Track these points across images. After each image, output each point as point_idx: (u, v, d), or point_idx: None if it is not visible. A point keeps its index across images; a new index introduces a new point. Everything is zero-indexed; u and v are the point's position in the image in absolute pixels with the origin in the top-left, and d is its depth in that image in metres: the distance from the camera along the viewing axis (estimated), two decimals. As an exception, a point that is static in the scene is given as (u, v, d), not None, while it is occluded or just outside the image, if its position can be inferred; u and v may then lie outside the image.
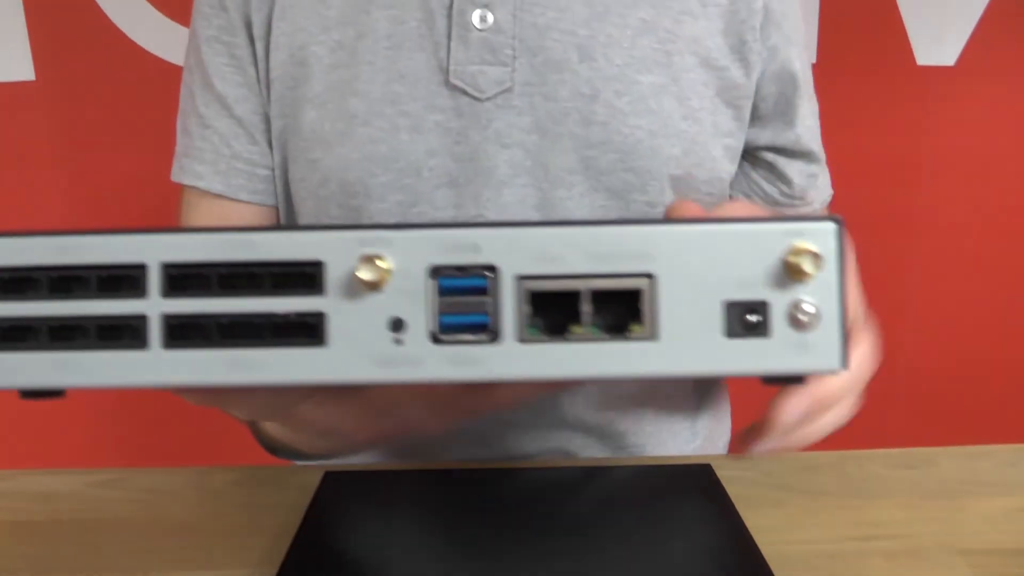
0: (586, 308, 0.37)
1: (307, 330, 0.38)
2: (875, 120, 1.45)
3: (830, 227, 0.37)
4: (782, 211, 0.78)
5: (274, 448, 0.69)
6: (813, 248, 0.36)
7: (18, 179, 1.52)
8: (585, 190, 0.71)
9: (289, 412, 0.51)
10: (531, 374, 0.37)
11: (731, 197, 0.78)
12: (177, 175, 0.80)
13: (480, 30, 0.70)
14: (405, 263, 0.37)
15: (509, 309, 0.37)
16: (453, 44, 0.71)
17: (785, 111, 0.75)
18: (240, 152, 0.77)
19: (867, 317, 0.57)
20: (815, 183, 0.78)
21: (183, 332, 0.38)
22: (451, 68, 0.71)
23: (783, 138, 0.76)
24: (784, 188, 0.77)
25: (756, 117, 0.75)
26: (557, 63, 0.70)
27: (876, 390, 0.59)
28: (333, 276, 0.37)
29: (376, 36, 0.72)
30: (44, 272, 0.39)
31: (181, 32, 1.44)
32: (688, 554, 0.61)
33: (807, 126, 0.76)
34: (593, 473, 0.74)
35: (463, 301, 0.37)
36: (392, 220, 0.72)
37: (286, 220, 0.79)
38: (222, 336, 0.38)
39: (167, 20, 1.45)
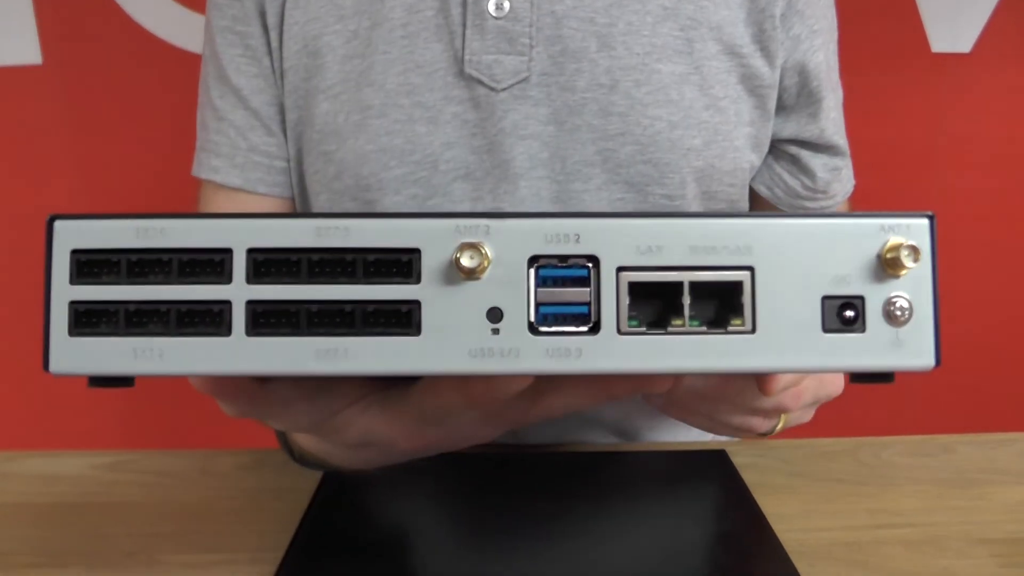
0: (686, 301, 0.37)
1: (401, 318, 0.37)
2: (890, 108, 1.45)
3: (924, 222, 0.37)
4: (804, 205, 0.77)
5: (304, 459, 0.67)
6: (911, 242, 0.36)
7: (24, 162, 1.48)
8: (603, 183, 0.70)
9: (331, 423, 0.50)
10: (630, 367, 0.36)
11: (752, 189, 0.78)
12: (195, 169, 0.77)
13: (496, 18, 0.69)
14: (504, 252, 0.36)
15: (609, 301, 0.36)
16: (468, 33, 0.69)
17: (809, 103, 0.74)
18: (257, 144, 0.75)
19: None
20: (839, 176, 0.77)
21: (268, 319, 0.37)
22: (466, 58, 0.69)
23: (807, 132, 0.75)
24: (807, 182, 0.76)
25: (779, 108, 0.74)
26: (575, 52, 0.69)
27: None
28: (429, 264, 0.36)
29: (391, 25, 0.70)
30: (123, 255, 0.37)
31: (188, 16, 1.42)
32: (706, 541, 0.61)
33: (831, 119, 0.75)
34: (607, 458, 0.74)
35: (562, 292, 0.37)
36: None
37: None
38: (310, 324, 0.37)
39: (175, 4, 1.42)
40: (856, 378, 0.39)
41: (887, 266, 0.37)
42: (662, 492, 0.68)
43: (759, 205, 0.78)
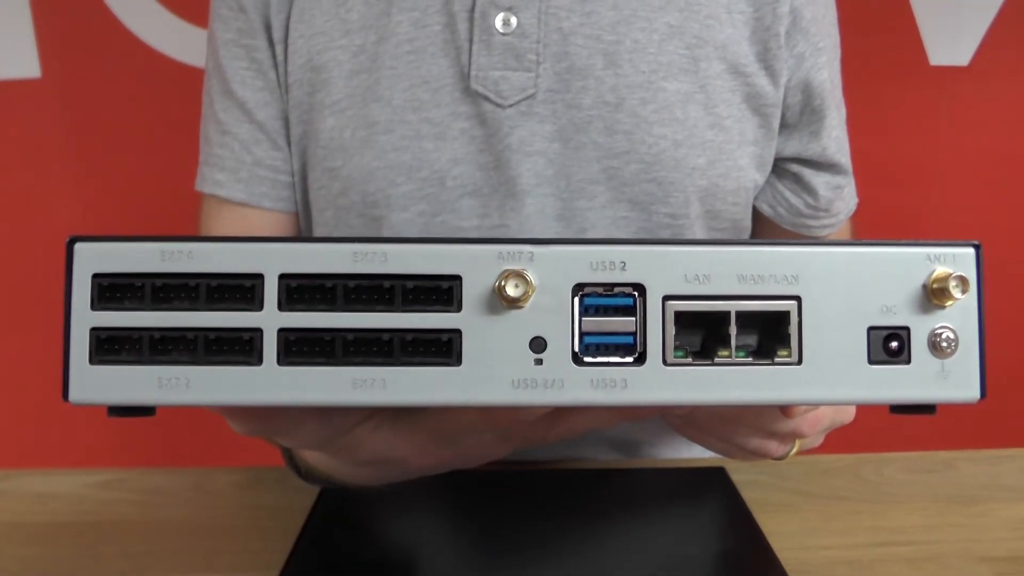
0: (733, 331, 0.35)
1: (441, 348, 0.35)
2: (888, 120, 1.43)
3: (970, 251, 0.36)
4: (806, 223, 0.76)
5: (310, 476, 0.65)
6: (959, 272, 0.35)
7: (23, 177, 1.45)
8: (607, 201, 0.68)
9: (342, 441, 0.48)
10: (676, 399, 0.35)
11: (754, 208, 0.76)
12: (199, 184, 0.75)
13: (503, 34, 0.67)
14: (547, 279, 0.35)
15: (655, 331, 0.35)
16: (475, 48, 0.67)
17: (811, 122, 0.73)
18: (262, 158, 0.72)
19: None
20: (841, 195, 0.76)
21: (302, 348, 0.35)
22: (473, 73, 0.67)
23: (809, 150, 0.73)
24: (809, 200, 0.74)
25: (782, 126, 0.73)
26: (581, 69, 0.67)
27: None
28: (470, 291, 0.35)
29: (398, 40, 0.68)
30: (147, 280, 0.35)
31: (188, 30, 1.39)
32: (704, 560, 0.60)
33: (834, 137, 0.74)
34: (605, 476, 0.73)
35: (608, 321, 0.35)
36: (414, 230, 0.68)
37: (304, 230, 0.75)
38: (346, 353, 0.35)
39: (174, 17, 1.39)
40: (897, 410, 0.37)
41: (933, 296, 0.36)
42: (660, 510, 0.66)
43: (761, 224, 0.77)
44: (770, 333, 0.36)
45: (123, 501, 0.69)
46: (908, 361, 0.36)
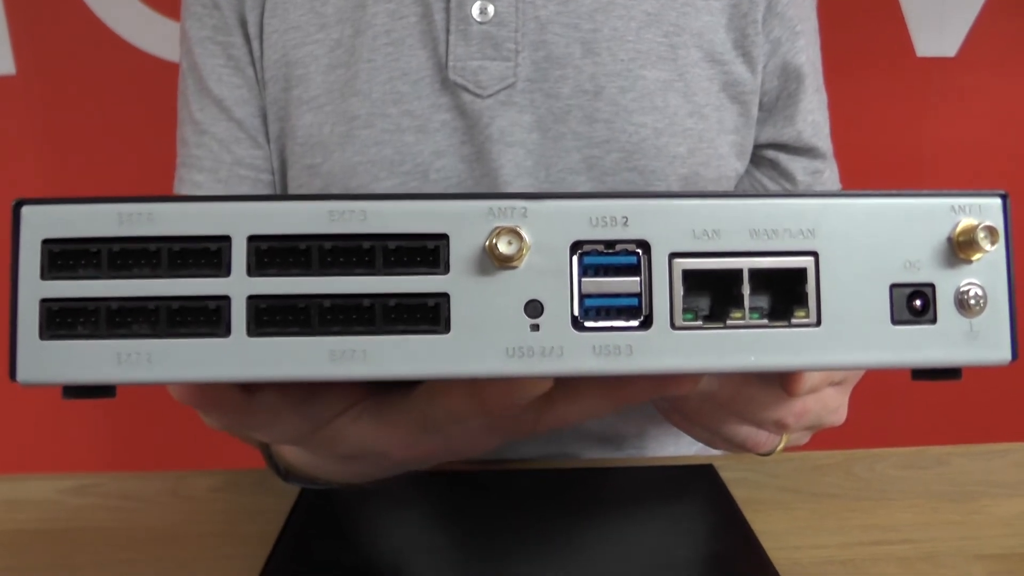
0: (746, 291, 0.31)
1: (427, 314, 0.30)
2: (875, 112, 1.42)
3: (996, 201, 0.32)
4: None
5: (290, 475, 0.61)
6: (988, 223, 0.31)
7: None
8: (588, 191, 0.65)
9: (321, 434, 0.43)
10: (686, 365, 0.30)
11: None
12: (177, 187, 0.71)
13: (481, 23, 0.64)
14: (543, 237, 0.30)
15: (662, 291, 0.31)
16: (452, 39, 0.64)
17: (786, 106, 0.70)
18: (242, 157, 0.69)
19: None
20: (820, 179, 0.73)
21: (274, 316, 0.30)
22: (450, 64, 0.64)
23: (784, 135, 0.70)
24: (787, 186, 0.72)
25: (759, 111, 0.70)
26: (559, 58, 0.65)
27: (883, 387, 0.55)
28: (459, 251, 0.30)
29: (375, 32, 0.65)
30: (103, 245, 0.30)
31: (165, 25, 1.36)
32: (693, 560, 0.57)
33: (810, 121, 0.71)
34: (592, 474, 0.69)
35: (609, 282, 0.31)
36: None
37: None
38: (323, 322, 0.30)
39: (151, 12, 1.36)
40: (920, 375, 0.33)
41: (959, 250, 0.31)
42: (648, 509, 0.63)
43: None
44: (785, 293, 0.32)
45: (97, 507, 0.66)
46: (934, 320, 0.31)
